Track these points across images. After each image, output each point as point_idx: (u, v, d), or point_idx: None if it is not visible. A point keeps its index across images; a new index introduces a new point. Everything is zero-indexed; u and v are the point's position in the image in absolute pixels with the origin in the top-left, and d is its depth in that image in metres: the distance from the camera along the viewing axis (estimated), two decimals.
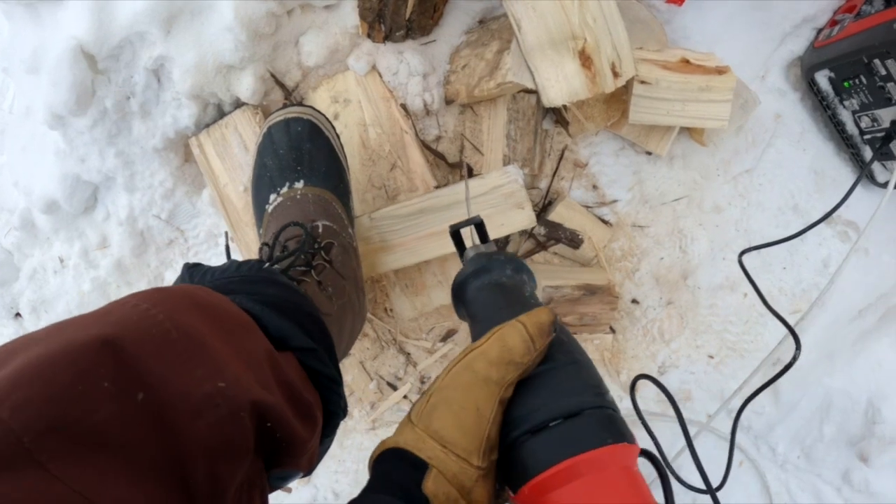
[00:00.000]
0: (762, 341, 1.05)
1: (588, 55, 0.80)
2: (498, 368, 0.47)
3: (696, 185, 1.02)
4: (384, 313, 1.04)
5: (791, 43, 1.02)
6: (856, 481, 1.04)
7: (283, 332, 0.59)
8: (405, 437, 0.47)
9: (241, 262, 0.68)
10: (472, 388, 0.47)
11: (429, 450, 0.45)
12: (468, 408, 0.47)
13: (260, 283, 0.63)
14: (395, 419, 1.08)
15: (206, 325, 0.49)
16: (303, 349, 0.61)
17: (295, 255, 0.72)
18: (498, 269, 0.59)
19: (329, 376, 0.64)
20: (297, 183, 0.83)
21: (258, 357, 0.53)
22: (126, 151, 1.00)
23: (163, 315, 0.45)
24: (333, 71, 0.99)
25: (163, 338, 0.44)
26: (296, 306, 0.63)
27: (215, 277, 0.64)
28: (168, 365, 0.43)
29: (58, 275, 1.13)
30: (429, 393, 0.49)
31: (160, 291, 0.50)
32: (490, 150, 0.95)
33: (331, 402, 0.65)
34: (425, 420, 0.47)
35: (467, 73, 0.90)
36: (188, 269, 0.67)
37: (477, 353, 0.49)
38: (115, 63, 0.95)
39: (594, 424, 0.44)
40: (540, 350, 0.49)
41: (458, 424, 0.46)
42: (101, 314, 0.44)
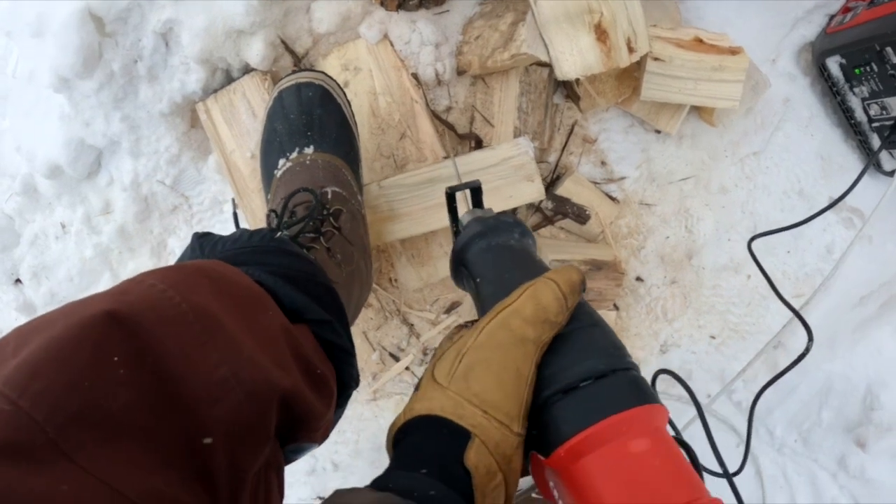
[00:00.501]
0: (764, 324, 1.04)
1: (604, 29, 0.79)
2: (534, 327, 0.44)
3: (703, 165, 1.02)
4: (389, 283, 1.03)
5: (803, 28, 1.01)
6: (851, 467, 1.04)
7: (298, 304, 0.58)
8: (440, 403, 0.42)
9: (251, 231, 0.66)
10: (511, 348, 0.43)
11: (470, 416, 0.41)
12: (509, 368, 0.43)
13: (272, 254, 0.62)
14: (397, 390, 1.07)
15: (222, 305, 0.48)
16: (317, 321, 0.60)
17: (304, 222, 0.71)
18: (506, 230, 0.56)
19: (343, 348, 0.62)
20: (307, 148, 0.81)
21: (274, 333, 0.52)
22: (132, 116, 0.99)
23: (179, 297, 0.44)
24: (344, 38, 0.97)
25: (180, 320, 0.43)
26: (309, 277, 0.62)
27: (226, 248, 0.63)
28: (185, 348, 0.42)
29: (59, 240, 1.12)
30: (459, 352, 0.44)
31: (176, 271, 0.48)
32: (501, 121, 0.94)
33: (344, 374, 0.64)
34: (460, 382, 0.43)
35: (480, 44, 0.89)
36: (198, 239, 0.65)
37: (511, 311, 0.45)
38: (123, 26, 0.93)
39: (624, 386, 0.42)
40: (571, 309, 0.46)
41: (500, 386, 0.42)
42: (117, 294, 0.43)
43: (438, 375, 0.44)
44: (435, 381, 0.44)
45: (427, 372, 0.47)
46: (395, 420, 0.46)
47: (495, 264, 0.53)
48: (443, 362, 0.45)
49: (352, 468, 1.10)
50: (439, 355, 0.47)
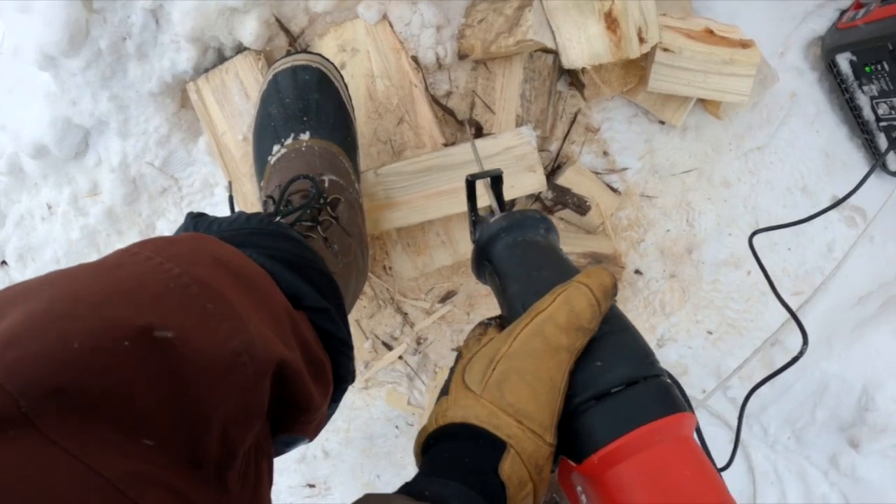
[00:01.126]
0: (762, 320, 1.02)
1: (615, 18, 0.75)
2: (568, 335, 0.43)
3: (707, 157, 0.98)
4: (383, 271, 0.99)
5: (813, 21, 0.98)
6: (843, 465, 1.02)
7: (296, 290, 0.55)
8: (474, 411, 0.41)
9: (250, 214, 0.62)
10: (545, 357, 0.42)
11: (506, 427, 0.41)
12: (543, 378, 0.42)
13: (271, 237, 0.59)
14: (389, 379, 1.04)
15: (225, 278, 0.45)
16: (315, 309, 0.56)
17: (302, 210, 0.67)
18: (532, 226, 0.54)
19: (341, 339, 0.59)
20: (303, 134, 0.77)
21: (278, 312, 0.49)
22: (120, 95, 0.94)
23: (179, 269, 0.41)
24: (342, 18, 0.92)
25: (182, 293, 0.40)
26: (308, 263, 0.59)
27: (222, 228, 0.59)
28: (190, 321, 0.38)
29: (46, 222, 1.07)
30: (492, 359, 0.43)
31: (171, 244, 0.45)
32: (502, 108, 0.90)
33: (341, 366, 0.61)
34: (494, 391, 0.42)
35: (484, 27, 0.84)
36: (192, 219, 0.62)
37: (545, 318, 0.43)
38: (112, 2, 0.88)
39: (655, 393, 0.42)
40: (604, 314, 0.45)
41: (534, 397, 0.41)
42: (110, 266, 0.40)
43: (470, 381, 0.44)
44: (467, 387, 0.43)
45: (456, 376, 0.45)
46: (426, 425, 0.45)
47: (523, 262, 0.51)
48: (474, 367, 0.44)
49: (342, 456, 1.08)
50: (468, 358, 0.46)
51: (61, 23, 0.86)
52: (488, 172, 0.58)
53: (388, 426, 1.06)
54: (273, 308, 0.49)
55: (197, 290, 0.40)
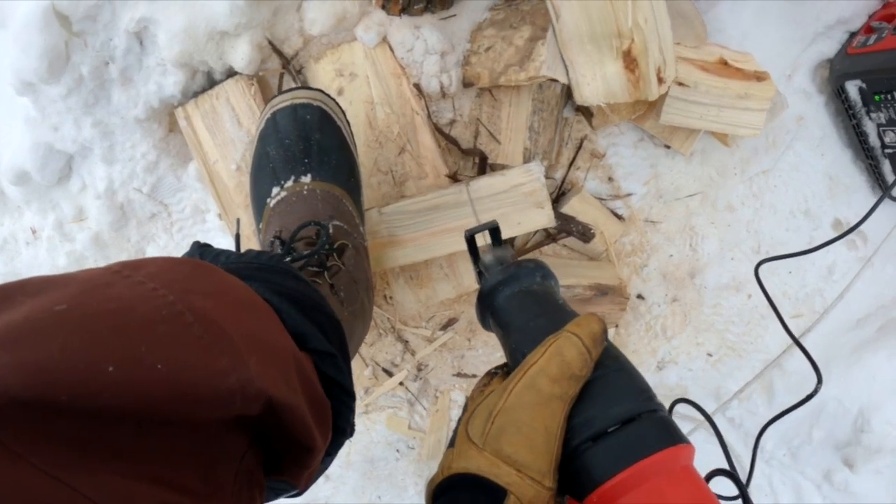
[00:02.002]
0: (762, 343, 1.00)
1: (634, 57, 0.70)
2: (560, 385, 0.44)
3: (711, 182, 0.95)
4: (384, 301, 0.95)
5: (822, 43, 0.93)
6: (837, 481, 1.02)
7: (303, 331, 0.51)
8: (477, 463, 0.43)
9: (258, 251, 0.59)
10: (539, 408, 0.43)
11: (505, 476, 0.42)
12: (538, 428, 0.43)
13: (280, 275, 0.55)
14: (389, 404, 1.01)
15: (225, 307, 0.41)
16: (321, 353, 0.53)
17: (308, 258, 0.63)
18: (527, 276, 0.55)
19: (344, 387, 0.55)
20: (304, 177, 0.72)
21: (282, 349, 0.46)
22: (104, 121, 0.87)
23: (173, 296, 0.38)
24: (339, 40, 0.86)
25: (175, 322, 0.36)
26: (316, 305, 0.55)
27: (230, 260, 0.55)
28: (183, 353, 0.35)
29: (30, 246, 1.00)
30: (490, 413, 0.45)
31: (167, 270, 0.41)
32: (509, 139, 0.85)
33: (341, 417, 0.57)
34: (493, 443, 0.43)
35: (492, 56, 0.79)
36: (199, 248, 0.58)
37: (537, 371, 0.44)
38: (93, 24, 0.80)
39: (651, 428, 0.43)
40: (595, 360, 0.46)
41: (530, 447, 0.43)
42: (100, 286, 0.36)
43: (472, 434, 0.45)
44: (470, 439, 0.45)
45: (461, 428, 0.47)
46: (434, 476, 0.46)
47: (520, 312, 0.53)
48: (475, 421, 0.46)
49: (343, 479, 1.05)
50: (471, 410, 0.47)
51: (39, 49, 0.78)
52: (485, 226, 0.59)
53: (388, 450, 1.03)
54: (277, 345, 0.46)
55: (192, 319, 0.37)
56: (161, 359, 0.34)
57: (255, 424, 0.43)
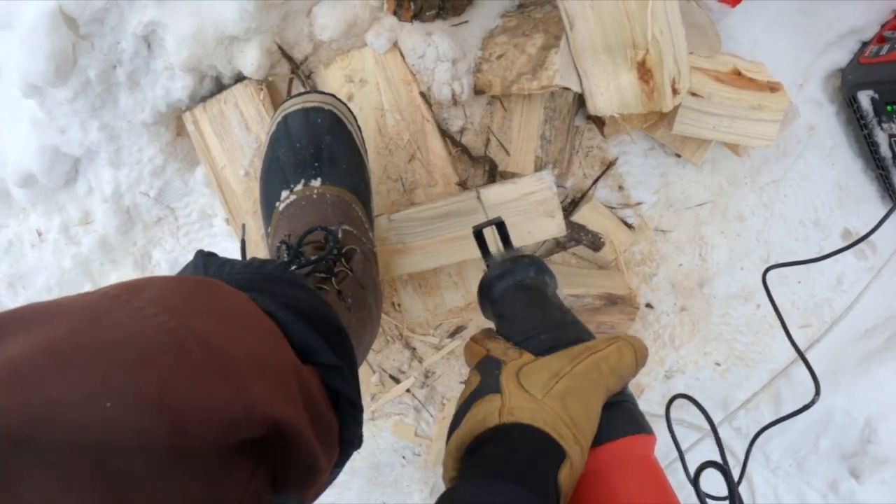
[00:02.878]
0: (770, 353, 0.98)
1: (649, 68, 0.68)
2: (612, 377, 0.46)
3: (722, 191, 0.93)
4: (392, 308, 0.93)
5: (833, 53, 0.91)
6: (842, 491, 1.01)
7: (308, 344, 0.49)
8: (542, 416, 0.42)
9: (264, 259, 0.57)
10: (597, 388, 0.44)
11: (567, 437, 0.41)
12: (594, 405, 0.44)
13: (285, 285, 0.53)
14: (395, 410, 0.99)
15: (227, 329, 0.40)
16: (327, 366, 0.51)
17: (317, 263, 0.61)
18: (521, 270, 0.58)
19: (351, 400, 0.53)
20: (314, 181, 0.70)
21: (284, 368, 0.44)
22: (111, 125, 0.85)
23: (175, 321, 0.36)
24: (349, 46, 0.84)
25: (176, 350, 0.35)
26: (323, 317, 0.53)
27: (235, 270, 0.54)
28: (186, 383, 0.34)
29: (36, 249, 0.98)
30: (555, 373, 0.45)
31: (168, 292, 0.39)
32: (520, 148, 0.83)
33: (348, 430, 0.55)
34: (558, 400, 0.43)
35: (504, 64, 0.77)
36: (203, 258, 0.56)
37: (601, 357, 0.46)
38: (100, 27, 0.78)
39: (616, 416, 0.45)
40: (635, 375, 0.48)
41: (587, 417, 0.43)
42: (97, 315, 0.35)
43: (529, 386, 0.44)
44: (525, 390, 0.44)
45: (510, 378, 0.46)
46: (482, 418, 0.44)
47: (511, 303, 0.56)
48: (533, 376, 0.45)
49: (348, 485, 1.03)
50: (518, 365, 0.47)
51: (46, 52, 0.76)
52: (490, 221, 0.62)
53: (394, 456, 1.01)
54: (281, 365, 0.44)
55: (194, 345, 0.36)
56: (162, 392, 0.32)
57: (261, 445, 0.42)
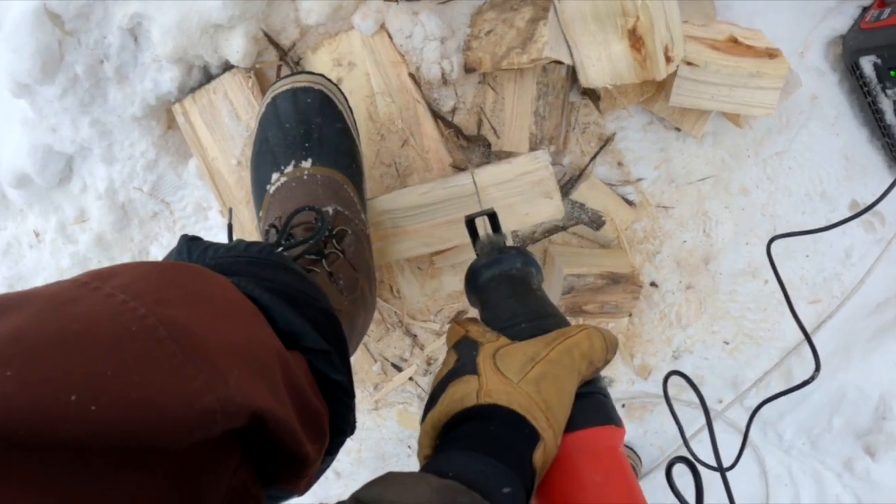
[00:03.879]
0: (779, 330, 0.95)
1: (639, 36, 0.65)
2: (583, 363, 0.46)
3: (724, 164, 0.89)
4: (390, 294, 0.90)
5: (833, 19, 0.87)
6: (857, 469, 0.97)
7: (295, 328, 0.48)
8: (518, 399, 0.42)
9: (249, 242, 0.55)
10: (571, 373, 0.45)
11: (541, 420, 0.42)
12: (567, 390, 0.44)
13: (271, 268, 0.51)
14: (399, 399, 0.97)
15: (203, 316, 0.38)
16: (315, 350, 0.49)
17: (306, 243, 0.59)
18: (508, 261, 0.57)
19: (341, 385, 0.52)
20: (305, 162, 0.68)
21: (266, 355, 0.42)
22: (102, 120, 0.83)
23: (145, 309, 0.34)
24: (336, 30, 0.82)
25: (146, 338, 0.33)
26: (310, 300, 0.51)
27: (218, 255, 0.52)
28: (153, 372, 0.32)
29: (34, 249, 0.97)
30: (531, 358, 0.45)
31: (139, 277, 0.37)
32: (514, 126, 0.80)
33: (339, 417, 0.53)
34: (532, 385, 0.43)
35: (493, 40, 0.74)
36: (186, 243, 0.54)
37: (573, 342, 0.46)
38: (85, 22, 0.77)
39: (585, 407, 0.45)
40: (607, 362, 0.49)
41: (560, 402, 0.43)
42: (64, 303, 0.33)
43: (505, 370, 0.44)
44: (502, 374, 0.44)
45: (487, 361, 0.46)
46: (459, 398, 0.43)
47: (495, 292, 0.56)
48: (508, 359, 0.45)
49: (354, 476, 1.01)
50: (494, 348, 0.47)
51: (31, 50, 0.74)
52: (483, 212, 0.61)
53: (400, 446, 0.99)
54: (262, 352, 0.42)
55: (165, 333, 0.34)
56: (130, 383, 0.31)
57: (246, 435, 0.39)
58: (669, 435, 0.99)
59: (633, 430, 0.99)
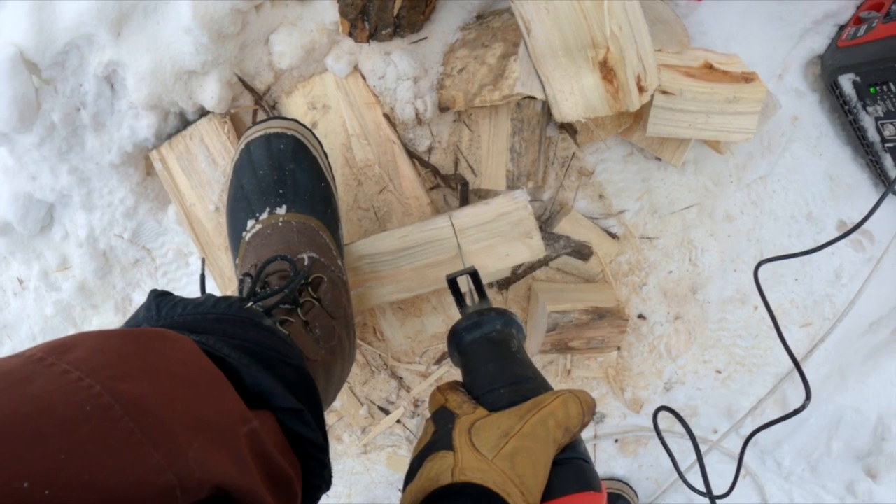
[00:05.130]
0: (772, 355, 0.91)
1: (611, 67, 0.63)
2: (559, 431, 0.46)
3: (707, 192, 0.87)
4: (374, 337, 0.87)
5: (811, 40, 0.85)
6: (860, 492, 0.93)
7: (264, 388, 0.46)
8: (492, 477, 0.42)
9: (218, 297, 0.53)
10: (545, 444, 0.45)
11: (516, 496, 0.42)
12: (542, 462, 0.44)
13: (239, 325, 0.49)
14: (388, 443, 0.93)
15: (163, 388, 0.36)
16: (286, 410, 0.47)
17: (280, 293, 0.57)
18: (489, 323, 0.57)
19: (315, 443, 0.49)
20: (279, 208, 0.66)
21: (230, 424, 0.40)
22: (80, 168, 0.82)
23: (100, 386, 0.33)
24: (310, 72, 0.80)
25: (101, 418, 0.32)
26: (280, 356, 0.49)
27: (187, 312, 0.50)
28: (108, 454, 0.31)
29: (18, 297, 0.95)
30: (505, 433, 0.45)
31: (97, 350, 0.36)
32: (490, 164, 0.78)
33: (314, 474, 0.51)
34: (507, 461, 0.43)
35: (465, 77, 0.72)
36: (155, 299, 0.52)
37: (548, 412, 0.46)
38: (62, 71, 0.75)
39: (566, 474, 0.45)
40: (585, 426, 0.48)
41: (535, 475, 0.43)
42: (16, 382, 0.32)
43: (481, 446, 0.44)
44: (477, 450, 0.44)
45: (462, 436, 0.46)
46: (421, 482, 0.44)
47: (474, 356, 0.56)
48: (483, 434, 0.45)
49: None
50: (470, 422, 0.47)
51: (8, 98, 0.73)
52: (464, 271, 0.61)
53: (390, 490, 0.95)
54: (226, 420, 0.40)
55: (121, 412, 0.33)
56: (85, 465, 0.29)
57: None
58: (665, 468, 0.95)
59: (627, 464, 0.96)
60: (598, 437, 0.94)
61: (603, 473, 0.96)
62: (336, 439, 0.93)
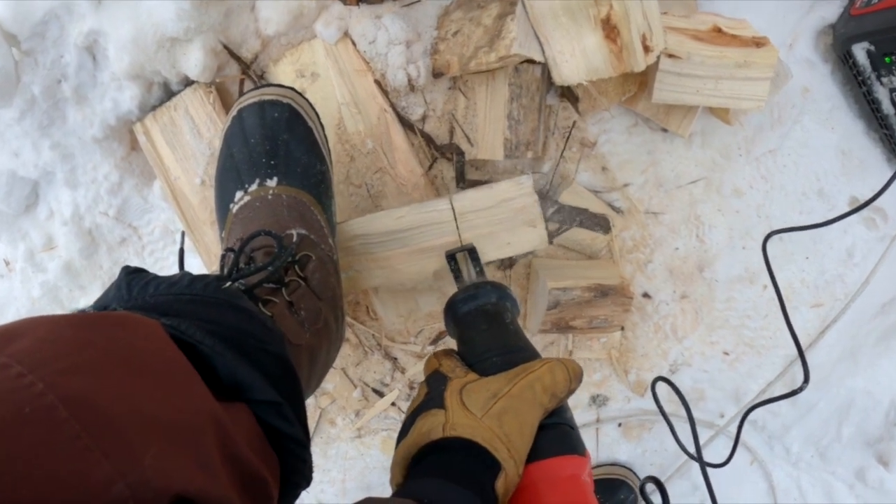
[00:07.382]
0: (781, 337, 0.86)
1: (614, 25, 0.57)
2: (546, 396, 0.47)
3: (715, 165, 0.81)
4: (367, 316, 0.82)
5: (822, 8, 0.80)
6: (870, 479, 0.87)
7: (239, 378, 0.41)
8: (480, 433, 0.44)
9: (195, 276, 0.47)
10: (532, 407, 0.46)
11: (503, 451, 0.43)
12: (528, 423, 0.46)
13: (215, 308, 0.44)
14: (382, 426, 0.88)
15: (118, 384, 0.32)
16: (263, 403, 0.42)
17: (264, 270, 0.52)
18: (484, 295, 0.57)
19: (294, 438, 0.44)
20: (270, 180, 0.61)
21: (197, 423, 0.35)
22: (62, 143, 0.77)
23: (43, 383, 0.28)
24: (298, 39, 0.75)
25: (43, 421, 0.28)
26: (259, 344, 0.44)
27: (159, 291, 0.45)
28: (54, 462, 0.27)
29: (5, 279, 0.90)
30: (494, 394, 0.46)
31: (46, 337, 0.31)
32: (487, 132, 0.72)
33: (293, 470, 0.45)
34: (495, 419, 0.45)
35: (460, 41, 0.66)
36: (126, 276, 0.46)
37: (535, 377, 0.48)
38: (41, 42, 0.71)
39: (550, 437, 0.47)
40: (572, 392, 0.49)
41: (521, 434, 0.45)
42: None
43: (471, 405, 0.46)
44: (467, 409, 0.46)
45: (454, 396, 0.47)
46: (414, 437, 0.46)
47: (469, 326, 0.56)
48: (474, 395, 0.47)
49: None
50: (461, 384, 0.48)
51: None
52: (462, 248, 0.61)
53: (385, 474, 0.90)
54: (192, 419, 0.35)
55: (66, 413, 0.28)
56: (24, 476, 0.26)
57: None
58: (670, 453, 0.90)
59: (631, 449, 0.90)
60: (601, 420, 0.89)
61: (606, 459, 0.91)
62: (329, 423, 0.87)
